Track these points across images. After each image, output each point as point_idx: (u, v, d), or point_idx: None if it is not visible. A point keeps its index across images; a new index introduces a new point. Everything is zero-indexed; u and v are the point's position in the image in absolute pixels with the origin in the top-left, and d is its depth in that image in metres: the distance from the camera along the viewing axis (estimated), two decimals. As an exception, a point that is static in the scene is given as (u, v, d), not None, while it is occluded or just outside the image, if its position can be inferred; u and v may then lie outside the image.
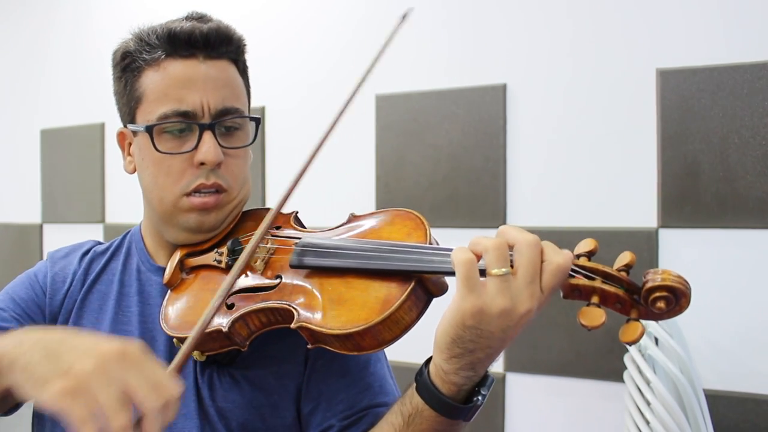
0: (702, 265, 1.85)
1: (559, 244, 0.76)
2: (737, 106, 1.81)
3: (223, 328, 0.89)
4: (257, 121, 1.05)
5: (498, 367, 2.07)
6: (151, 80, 0.98)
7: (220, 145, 0.98)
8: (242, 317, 0.90)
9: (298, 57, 2.44)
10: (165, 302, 1.00)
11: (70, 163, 2.92)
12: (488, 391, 0.81)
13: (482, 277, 0.74)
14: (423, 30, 2.19)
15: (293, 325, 0.86)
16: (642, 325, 0.73)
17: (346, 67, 2.31)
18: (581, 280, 0.76)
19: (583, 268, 0.76)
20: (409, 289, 0.81)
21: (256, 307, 0.90)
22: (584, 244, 0.78)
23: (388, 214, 0.94)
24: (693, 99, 1.86)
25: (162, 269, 1.05)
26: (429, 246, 0.85)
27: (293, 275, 0.91)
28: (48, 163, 2.99)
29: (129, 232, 1.14)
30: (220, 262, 0.99)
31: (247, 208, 1.08)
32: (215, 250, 1.02)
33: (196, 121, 0.97)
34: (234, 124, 1.01)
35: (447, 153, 2.16)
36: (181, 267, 1.03)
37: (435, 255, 0.82)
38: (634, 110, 1.94)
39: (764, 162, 1.78)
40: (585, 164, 2.00)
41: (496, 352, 0.77)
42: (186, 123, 0.97)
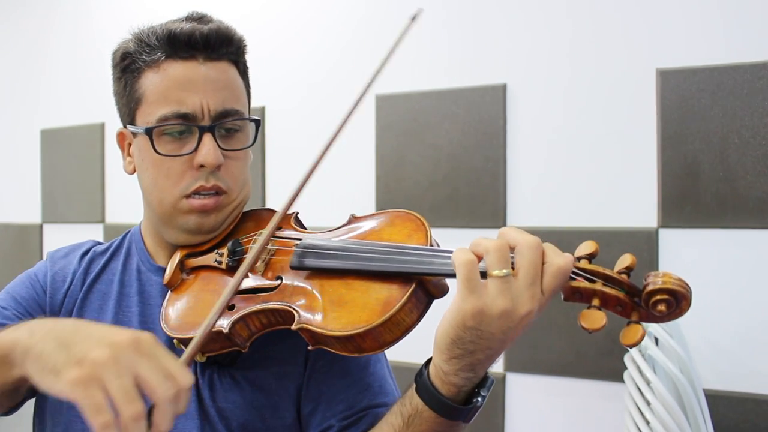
0: (702, 265, 1.85)
1: (559, 244, 0.76)
2: (737, 106, 1.81)
3: (224, 329, 0.89)
4: (257, 123, 1.05)
5: (498, 367, 2.07)
6: (150, 82, 0.98)
7: (219, 147, 0.98)
8: (243, 318, 0.90)
9: (298, 57, 2.44)
10: (165, 303, 1.00)
11: (70, 163, 2.92)
12: (488, 393, 0.81)
13: (483, 278, 0.74)
14: (423, 30, 2.18)
15: (294, 327, 0.85)
16: (643, 328, 0.73)
17: (346, 67, 2.30)
18: (582, 283, 0.76)
19: (584, 270, 0.76)
20: (410, 291, 0.81)
21: (257, 309, 0.90)
22: (585, 247, 0.78)
23: (388, 215, 0.94)
24: (693, 99, 1.86)
25: (162, 269, 1.05)
26: (430, 248, 0.85)
27: (294, 276, 0.91)
28: (48, 163, 2.99)
29: (129, 232, 1.14)
30: (220, 263, 0.99)
31: (247, 209, 1.08)
32: (216, 251, 1.01)
33: (196, 123, 0.97)
34: (234, 126, 1.00)
35: (447, 153, 2.16)
36: (182, 267, 1.02)
37: (436, 257, 0.82)
38: (634, 110, 1.94)
39: (764, 162, 1.78)
40: (585, 164, 2.00)
41: (496, 353, 0.77)
42: (186, 125, 0.97)
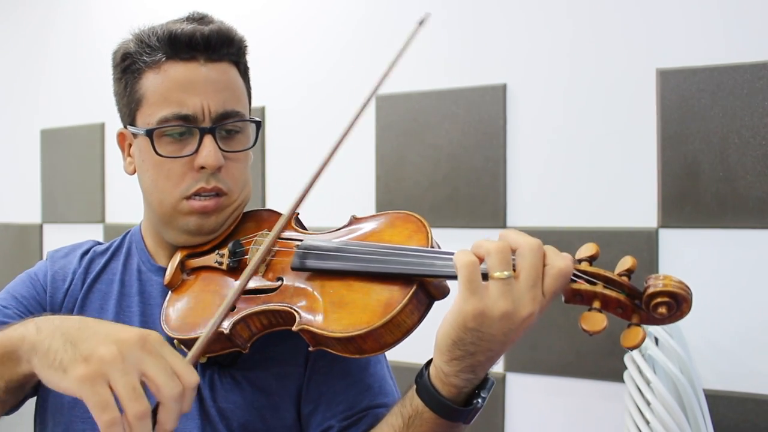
0: (702, 265, 1.85)
1: (559, 244, 0.76)
2: (737, 106, 1.81)
3: (225, 330, 0.89)
4: (258, 124, 1.05)
5: (498, 367, 2.07)
6: (151, 83, 0.97)
7: (220, 148, 0.97)
8: (243, 319, 0.90)
9: (298, 57, 2.44)
10: (165, 303, 1.00)
11: (70, 163, 2.91)
12: (488, 394, 0.81)
13: (484, 280, 0.74)
14: (423, 30, 2.18)
15: (295, 328, 0.85)
16: (643, 331, 0.73)
17: (346, 67, 2.30)
18: (583, 285, 0.76)
19: (585, 272, 0.76)
20: (411, 292, 0.81)
21: (258, 309, 0.90)
22: (586, 249, 0.78)
23: (389, 216, 0.94)
24: (693, 99, 1.86)
25: (163, 269, 1.05)
26: (431, 249, 0.85)
27: (294, 277, 0.91)
28: (48, 163, 2.99)
29: (129, 232, 1.14)
30: (221, 263, 0.99)
31: (247, 209, 1.08)
32: (216, 251, 1.01)
33: (197, 125, 0.97)
34: (234, 127, 1.00)
35: (447, 153, 2.16)
36: (182, 268, 1.03)
37: (437, 258, 0.82)
38: (634, 110, 1.94)
39: (764, 162, 1.78)
40: (585, 164, 2.00)
41: (496, 355, 0.77)
42: (186, 127, 0.97)
